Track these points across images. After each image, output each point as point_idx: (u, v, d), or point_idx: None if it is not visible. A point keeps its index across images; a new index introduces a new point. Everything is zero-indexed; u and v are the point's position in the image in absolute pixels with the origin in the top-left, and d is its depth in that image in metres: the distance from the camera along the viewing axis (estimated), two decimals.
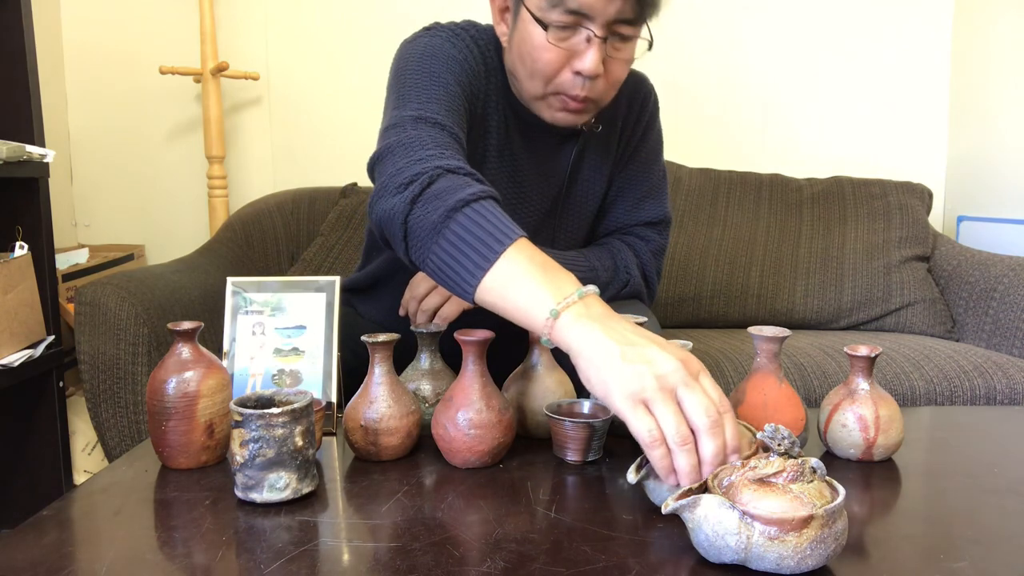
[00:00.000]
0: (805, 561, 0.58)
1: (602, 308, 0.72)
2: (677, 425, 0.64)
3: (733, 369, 1.48)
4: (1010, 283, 1.73)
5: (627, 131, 1.19)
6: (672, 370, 0.66)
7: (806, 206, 2.02)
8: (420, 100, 0.94)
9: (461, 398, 0.81)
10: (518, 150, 1.12)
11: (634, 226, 1.21)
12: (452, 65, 1.00)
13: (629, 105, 1.18)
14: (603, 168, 1.19)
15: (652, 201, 1.21)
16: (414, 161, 0.84)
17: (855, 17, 2.26)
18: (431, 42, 1.02)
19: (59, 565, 0.62)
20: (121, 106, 2.20)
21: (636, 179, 1.20)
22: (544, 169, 1.14)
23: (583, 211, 1.20)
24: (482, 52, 1.06)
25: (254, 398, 0.78)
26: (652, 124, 1.21)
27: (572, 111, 1.02)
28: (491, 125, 1.08)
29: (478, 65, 1.05)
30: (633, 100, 1.19)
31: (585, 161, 1.16)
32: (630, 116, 1.19)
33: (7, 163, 1.48)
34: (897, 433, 0.84)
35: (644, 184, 1.20)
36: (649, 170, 1.21)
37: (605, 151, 1.18)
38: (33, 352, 1.54)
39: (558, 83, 0.99)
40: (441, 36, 1.03)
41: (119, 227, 2.24)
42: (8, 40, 1.58)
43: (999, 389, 1.46)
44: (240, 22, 2.17)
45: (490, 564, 0.61)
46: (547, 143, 1.13)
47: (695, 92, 2.27)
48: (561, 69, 0.98)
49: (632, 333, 0.69)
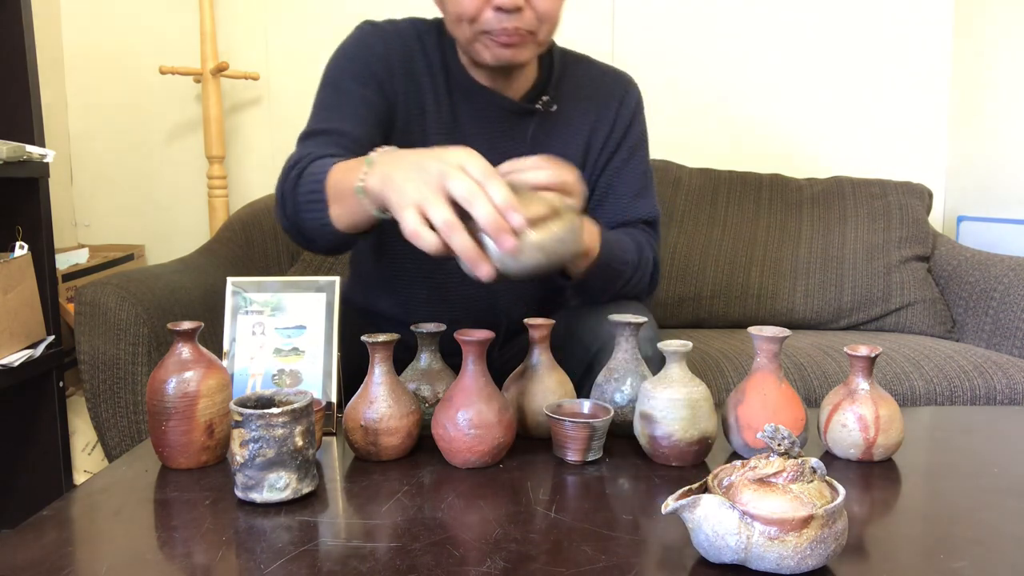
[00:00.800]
0: (805, 561, 0.58)
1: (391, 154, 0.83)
2: (442, 214, 0.71)
3: (733, 369, 1.48)
4: (1010, 283, 1.73)
5: (603, 125, 1.18)
6: (435, 172, 0.73)
7: (806, 206, 2.02)
8: (318, 115, 1.08)
9: (461, 398, 0.81)
10: (468, 128, 1.13)
11: (632, 223, 1.21)
12: (357, 66, 1.09)
13: (606, 98, 1.18)
14: (571, 154, 1.15)
15: (644, 200, 1.20)
16: (292, 163, 0.99)
17: (855, 17, 2.26)
18: (345, 46, 1.12)
19: (59, 565, 0.62)
20: (121, 106, 2.20)
21: (626, 176, 1.20)
22: (498, 147, 1.12)
23: None
24: (418, 37, 1.12)
25: (254, 398, 0.78)
26: (634, 121, 1.20)
27: (506, 45, 1.01)
28: (427, 105, 1.11)
29: (405, 49, 1.11)
30: (611, 94, 1.19)
31: (547, 142, 1.15)
32: (606, 110, 1.18)
33: (7, 163, 1.48)
34: (897, 433, 0.84)
35: (636, 182, 1.20)
36: (638, 167, 1.21)
37: (572, 136, 1.17)
38: (33, 352, 1.54)
39: (482, 23, 0.99)
40: (356, 35, 1.13)
41: (119, 227, 2.24)
42: (8, 40, 1.58)
43: (999, 389, 1.46)
44: (240, 22, 2.17)
45: (490, 564, 0.61)
46: (500, 120, 1.13)
47: (695, 92, 2.27)
48: (482, 8, 0.99)
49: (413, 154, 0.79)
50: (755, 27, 2.26)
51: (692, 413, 0.82)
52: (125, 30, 2.17)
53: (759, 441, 0.80)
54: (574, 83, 1.18)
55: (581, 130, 1.17)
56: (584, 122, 1.18)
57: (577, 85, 1.18)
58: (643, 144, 1.23)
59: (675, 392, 0.82)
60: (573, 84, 1.18)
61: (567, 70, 1.18)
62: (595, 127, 1.18)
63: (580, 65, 1.20)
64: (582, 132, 1.17)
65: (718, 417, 0.87)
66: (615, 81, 1.21)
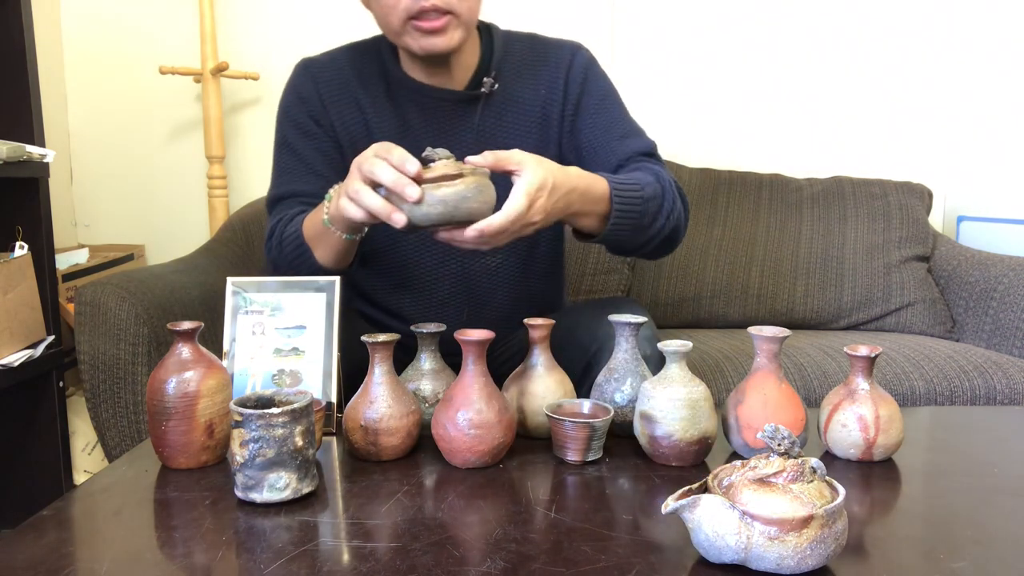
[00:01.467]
0: (805, 561, 0.58)
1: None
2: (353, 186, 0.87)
3: (733, 369, 1.48)
4: (1010, 283, 1.73)
5: (555, 95, 1.17)
6: (354, 168, 0.89)
7: (806, 206, 2.02)
8: (280, 179, 1.16)
9: (461, 398, 0.82)
10: (416, 127, 1.14)
11: (630, 160, 1.15)
12: (296, 116, 1.16)
13: (553, 69, 1.17)
14: (525, 132, 1.16)
15: (634, 138, 1.17)
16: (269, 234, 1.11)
17: (855, 17, 2.26)
18: (283, 97, 1.19)
19: (59, 565, 0.62)
20: (121, 106, 2.19)
21: (603, 124, 1.17)
22: (447, 138, 1.14)
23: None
24: (351, 62, 1.17)
25: (254, 398, 0.78)
26: (588, 79, 1.18)
27: (432, 31, 1.02)
28: (371, 120, 1.15)
29: (338, 78, 1.16)
30: (557, 64, 1.17)
31: (497, 124, 1.15)
32: (555, 81, 1.17)
33: (7, 163, 1.48)
34: (897, 433, 0.84)
35: (617, 127, 1.17)
36: (613, 113, 1.18)
37: (523, 113, 1.16)
38: (33, 352, 1.54)
39: (405, 8, 1.00)
40: (290, 81, 1.19)
41: (119, 227, 2.24)
42: (8, 40, 1.58)
43: (999, 389, 1.46)
44: (240, 22, 2.17)
45: (490, 564, 0.61)
46: (445, 112, 1.14)
47: (695, 92, 2.27)
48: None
49: None
50: (755, 27, 2.26)
51: (692, 413, 0.82)
52: (125, 30, 2.17)
53: (759, 441, 0.80)
54: (518, 61, 1.17)
55: (532, 106, 1.16)
56: (534, 98, 1.17)
57: (521, 62, 1.17)
58: (610, 96, 1.20)
59: (675, 392, 0.82)
60: (517, 62, 1.17)
61: (510, 49, 1.17)
62: (547, 99, 1.17)
63: (523, 43, 1.19)
64: (533, 108, 1.17)
65: (718, 417, 0.87)
66: (559, 50, 1.19)
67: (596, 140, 1.16)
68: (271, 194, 1.16)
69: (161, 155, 2.23)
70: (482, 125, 1.15)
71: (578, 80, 1.17)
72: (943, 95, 2.30)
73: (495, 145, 1.13)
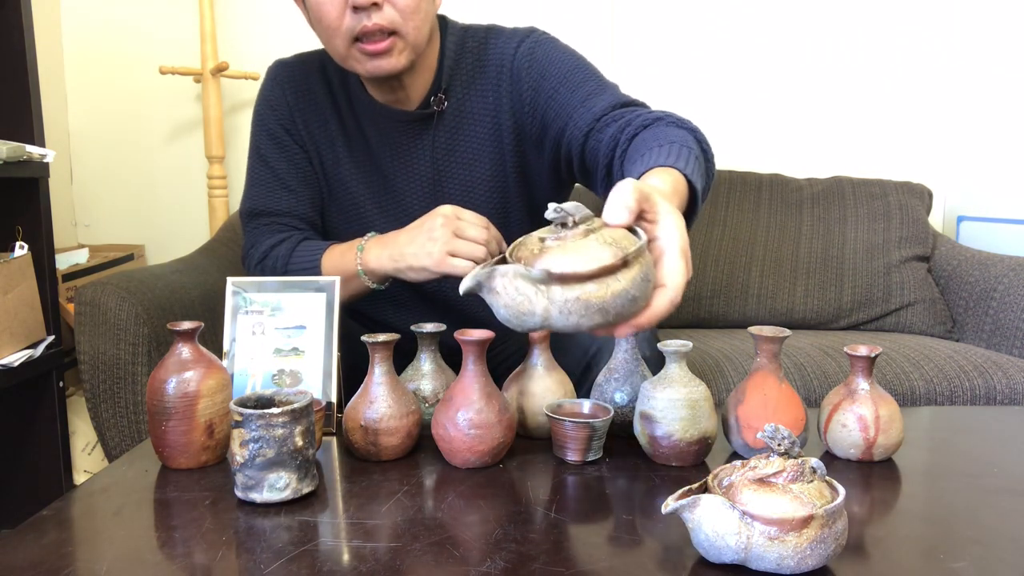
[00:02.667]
0: (805, 561, 0.58)
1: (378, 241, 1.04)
2: (473, 250, 0.96)
3: (733, 369, 1.48)
4: (1010, 283, 1.72)
5: (504, 99, 1.10)
6: (440, 225, 0.97)
7: (806, 206, 2.02)
8: (255, 191, 1.18)
9: (461, 398, 0.81)
10: (376, 147, 1.14)
11: (601, 118, 1.02)
12: (269, 125, 1.16)
13: (496, 69, 1.11)
14: (481, 146, 1.12)
15: (599, 96, 1.04)
16: (263, 255, 1.14)
17: (856, 17, 2.26)
18: (256, 103, 1.18)
19: (59, 565, 0.62)
20: (121, 106, 2.19)
21: (567, 99, 1.06)
22: (405, 160, 1.13)
23: (476, 195, 1.14)
24: (321, 67, 1.15)
25: (254, 398, 0.78)
26: (536, 63, 1.09)
27: (377, 54, 1.00)
28: (334, 131, 1.14)
29: (307, 85, 1.15)
30: (501, 63, 1.11)
31: (453, 141, 1.12)
32: (499, 83, 1.10)
33: (7, 163, 1.48)
34: (897, 433, 0.84)
35: (579, 92, 1.05)
36: (575, 81, 1.07)
37: (476, 126, 1.12)
38: (33, 352, 1.54)
39: (347, 29, 0.99)
40: (263, 86, 1.18)
41: (119, 227, 2.24)
42: (8, 40, 1.58)
43: (999, 389, 1.46)
44: (240, 22, 2.17)
45: (490, 564, 0.61)
46: (400, 132, 1.13)
47: (695, 92, 2.27)
48: (342, 14, 0.98)
49: (399, 232, 1.02)
50: (755, 27, 2.26)
51: (692, 413, 0.82)
52: (125, 30, 2.17)
53: (759, 441, 0.80)
54: (469, 69, 1.12)
55: (483, 118, 1.12)
56: (483, 108, 1.11)
57: (472, 70, 1.12)
58: (568, 67, 1.08)
59: (675, 392, 0.82)
60: (468, 71, 1.12)
61: (463, 56, 1.12)
62: (496, 107, 1.11)
63: (477, 43, 1.13)
64: (484, 119, 1.12)
65: (718, 417, 0.87)
66: (505, 46, 1.11)
67: (565, 117, 1.06)
68: (245, 206, 1.18)
69: (161, 155, 2.23)
70: (436, 144, 1.12)
71: (523, 71, 1.09)
72: (943, 95, 2.30)
73: (451, 165, 1.13)
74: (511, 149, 1.13)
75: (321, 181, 1.17)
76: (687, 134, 0.91)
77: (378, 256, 1.02)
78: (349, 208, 1.17)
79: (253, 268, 1.15)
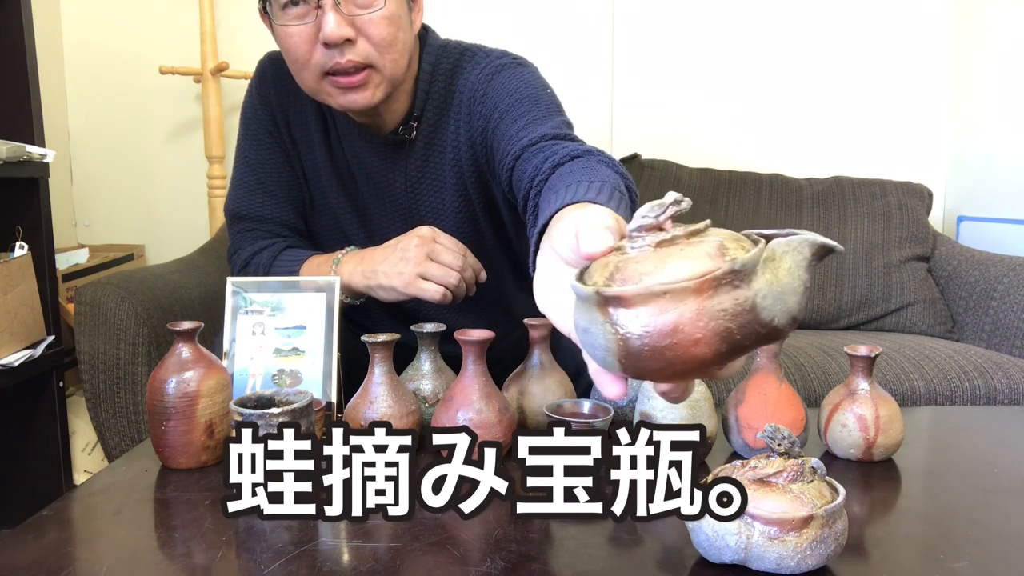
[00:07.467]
0: (805, 561, 0.58)
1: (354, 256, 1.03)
2: (446, 275, 0.95)
3: None
4: (1010, 283, 1.72)
5: (462, 129, 1.06)
6: (415, 246, 0.96)
7: (806, 206, 2.02)
8: (240, 193, 1.15)
9: (461, 398, 0.81)
10: (353, 164, 1.11)
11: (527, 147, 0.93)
12: (255, 127, 1.13)
13: (459, 96, 1.06)
14: (445, 179, 1.09)
15: (536, 125, 0.95)
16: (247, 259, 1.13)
17: (856, 17, 2.26)
18: (244, 101, 1.16)
19: (59, 565, 0.62)
20: (121, 106, 2.19)
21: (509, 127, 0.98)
22: (380, 183, 1.10)
23: (446, 224, 1.09)
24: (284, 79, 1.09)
25: (254, 398, 0.78)
26: (492, 90, 1.03)
27: (351, 87, 0.96)
28: (315, 140, 1.12)
29: (290, 84, 1.06)
30: (461, 91, 1.06)
31: (424, 169, 1.09)
32: (458, 112, 1.06)
33: (7, 163, 1.48)
34: (897, 433, 0.84)
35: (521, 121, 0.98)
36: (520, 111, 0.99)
37: (440, 156, 1.08)
38: (33, 352, 1.54)
39: (317, 63, 0.94)
40: (251, 83, 1.15)
41: (119, 227, 2.24)
42: (8, 40, 1.58)
43: (999, 389, 1.46)
44: (240, 22, 2.17)
45: (490, 564, 0.61)
46: (375, 155, 1.09)
47: (695, 92, 2.27)
48: (312, 48, 0.94)
49: (376, 249, 1.01)
50: (755, 27, 2.26)
51: (692, 413, 0.82)
52: (125, 30, 2.17)
53: (759, 441, 0.80)
54: (439, 96, 1.07)
55: (447, 147, 1.07)
56: (448, 136, 1.07)
57: (442, 97, 1.07)
58: (519, 96, 1.01)
59: None
60: (438, 97, 1.07)
61: (435, 84, 1.07)
62: (457, 136, 1.06)
63: (447, 71, 1.07)
64: (448, 149, 1.07)
65: (718, 417, 0.87)
66: (471, 71, 1.06)
67: (503, 148, 0.98)
68: (228, 206, 1.16)
69: (161, 155, 2.23)
70: (409, 169, 1.09)
71: (478, 101, 1.04)
72: (943, 95, 2.30)
73: (422, 192, 1.12)
74: (472, 180, 1.08)
75: (303, 187, 1.15)
76: (618, 178, 0.79)
77: (351, 272, 1.00)
78: (327, 219, 1.16)
79: (236, 273, 1.13)
